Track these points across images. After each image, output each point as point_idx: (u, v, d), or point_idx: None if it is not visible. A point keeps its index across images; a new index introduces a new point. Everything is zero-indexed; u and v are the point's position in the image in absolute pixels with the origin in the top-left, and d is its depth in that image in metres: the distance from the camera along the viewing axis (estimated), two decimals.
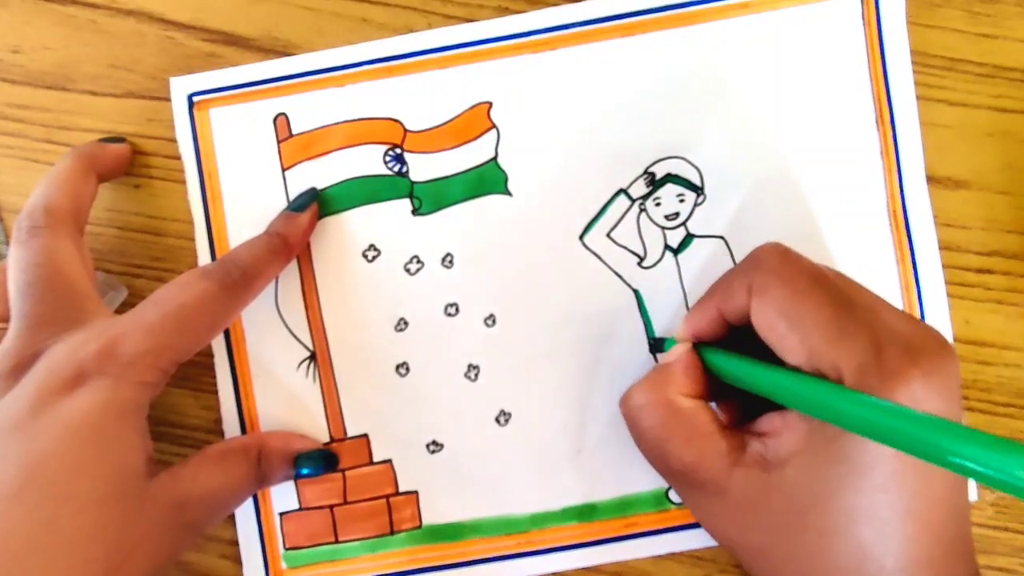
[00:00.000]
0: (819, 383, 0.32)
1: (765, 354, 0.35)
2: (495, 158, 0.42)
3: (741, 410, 0.38)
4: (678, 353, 0.38)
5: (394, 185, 0.42)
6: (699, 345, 0.38)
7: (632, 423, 0.38)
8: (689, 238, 0.42)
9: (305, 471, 0.41)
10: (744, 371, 0.35)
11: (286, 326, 0.43)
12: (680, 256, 0.42)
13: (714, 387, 0.37)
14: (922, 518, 0.32)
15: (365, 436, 0.42)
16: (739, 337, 0.37)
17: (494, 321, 0.42)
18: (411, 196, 0.42)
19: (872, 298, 0.34)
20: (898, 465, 0.31)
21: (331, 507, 0.42)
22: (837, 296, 0.33)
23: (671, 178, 0.42)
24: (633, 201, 0.42)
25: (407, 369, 0.42)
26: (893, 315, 0.33)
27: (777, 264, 0.35)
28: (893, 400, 0.30)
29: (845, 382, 0.31)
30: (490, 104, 0.42)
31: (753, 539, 0.35)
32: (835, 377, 0.32)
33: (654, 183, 0.42)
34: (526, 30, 0.42)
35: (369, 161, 0.42)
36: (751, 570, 0.37)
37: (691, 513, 0.39)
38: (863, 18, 0.42)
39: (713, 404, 0.38)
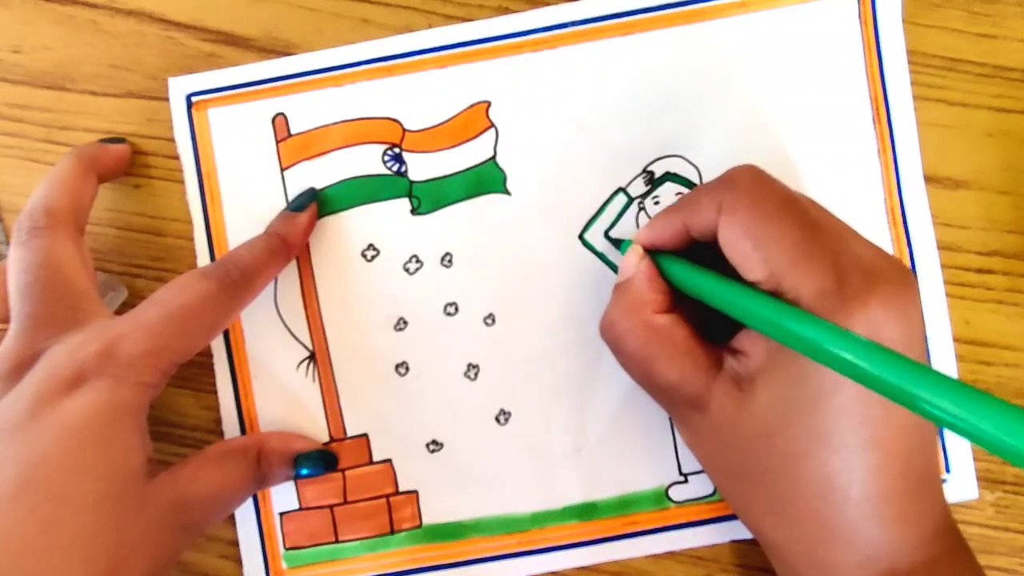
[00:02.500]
0: (773, 301, 0.32)
1: (722, 269, 0.35)
2: (494, 157, 0.42)
3: (704, 324, 0.38)
4: (634, 263, 0.38)
5: (393, 185, 0.42)
6: (656, 255, 0.38)
7: (616, 349, 0.38)
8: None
9: (305, 471, 0.41)
10: (703, 283, 0.35)
11: (285, 326, 0.43)
12: None
13: (676, 300, 0.37)
14: (886, 447, 0.32)
15: (365, 436, 0.42)
16: (695, 254, 0.37)
17: (493, 320, 0.42)
18: (410, 195, 0.42)
19: (841, 226, 0.34)
20: (858, 390, 0.31)
21: (331, 507, 0.42)
22: (805, 220, 0.33)
23: (670, 176, 0.42)
24: (632, 200, 0.42)
25: (407, 369, 0.42)
26: (860, 243, 0.34)
27: (749, 184, 0.35)
28: (850, 325, 0.30)
29: (802, 304, 0.31)
30: (489, 103, 0.42)
31: (727, 459, 0.35)
32: (792, 298, 0.32)
33: (653, 182, 0.42)
34: (524, 29, 0.42)
35: (368, 161, 0.42)
36: (726, 495, 0.37)
37: (679, 433, 0.39)
38: (860, 17, 0.42)
39: None
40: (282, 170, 0.42)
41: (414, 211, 0.42)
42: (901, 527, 0.32)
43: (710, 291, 0.34)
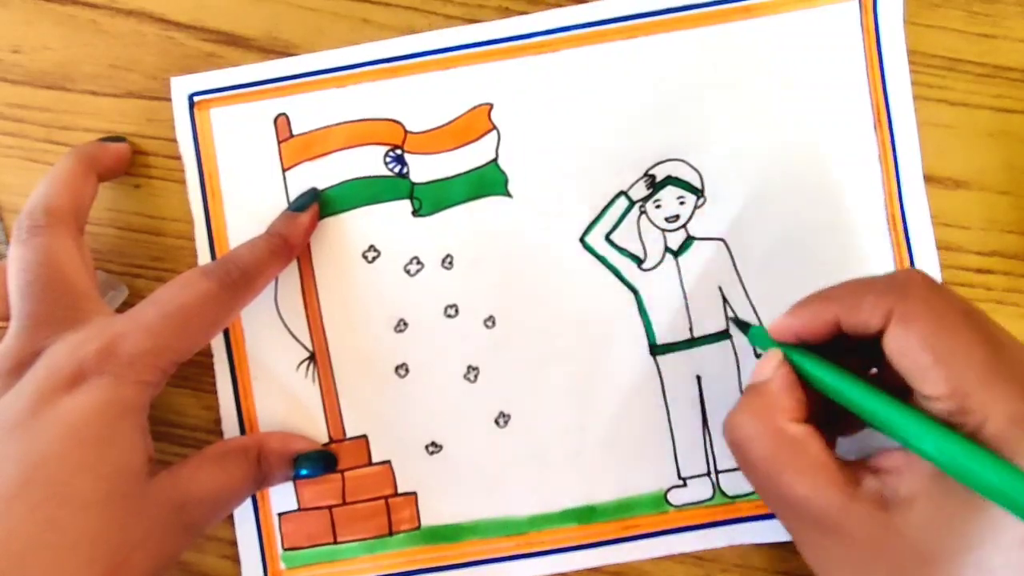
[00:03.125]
0: (962, 440, 0.29)
1: (855, 365, 0.33)
2: (495, 160, 0.42)
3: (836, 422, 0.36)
4: (772, 368, 0.35)
5: (394, 186, 0.42)
6: (793, 353, 0.35)
7: (740, 454, 0.35)
8: (689, 240, 0.42)
9: (304, 472, 0.40)
10: (862, 399, 0.32)
11: (286, 326, 0.43)
12: (680, 258, 0.42)
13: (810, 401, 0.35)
14: None
15: (364, 437, 0.42)
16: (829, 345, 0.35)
17: (494, 322, 0.42)
18: (411, 197, 0.42)
19: (1017, 343, 0.32)
20: None
21: (330, 508, 0.42)
22: (989, 336, 0.31)
23: (671, 180, 0.42)
24: (633, 203, 0.42)
25: (406, 370, 0.42)
26: None
27: (926, 293, 0.32)
28: None
29: (988, 427, 0.29)
30: (491, 106, 0.42)
31: None
32: (979, 419, 0.30)
33: (654, 185, 0.42)
34: (527, 32, 0.42)
35: (370, 162, 0.42)
36: None
37: (805, 557, 0.35)
38: (861, 23, 0.42)
39: None
40: (284, 170, 0.42)
41: (415, 213, 0.42)
42: None
43: (870, 410, 0.32)
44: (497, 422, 0.42)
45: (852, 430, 0.37)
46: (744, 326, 0.40)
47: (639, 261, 0.42)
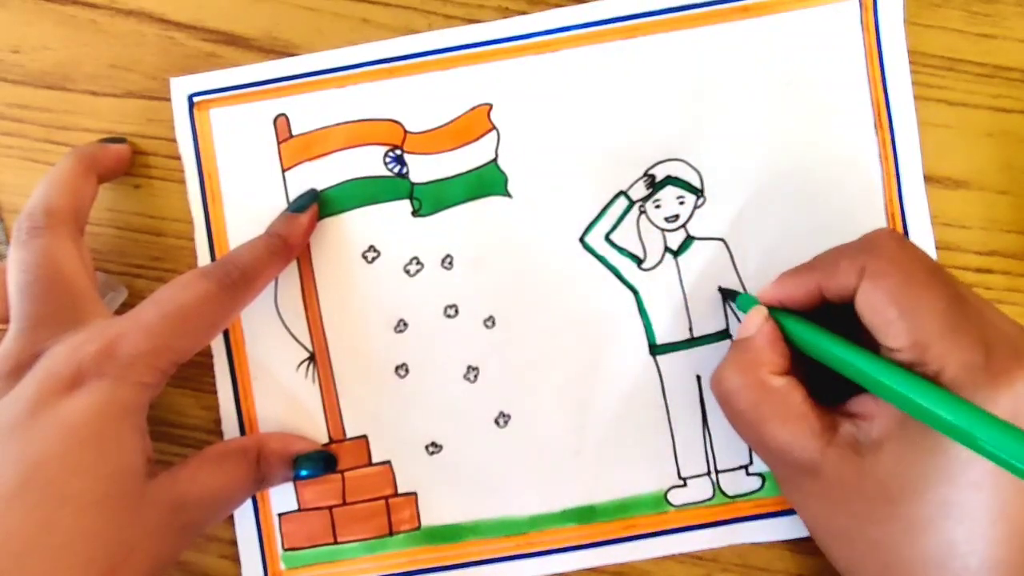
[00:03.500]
0: (916, 379, 0.31)
1: (843, 329, 0.35)
2: (495, 160, 0.42)
3: (822, 382, 0.37)
4: (757, 323, 0.37)
5: (394, 186, 0.42)
6: (777, 313, 0.37)
7: (726, 405, 0.38)
8: (689, 240, 0.42)
9: (304, 472, 0.40)
10: (832, 349, 0.35)
11: (285, 327, 0.43)
12: (680, 258, 0.42)
13: (796, 357, 0.37)
14: (1013, 521, 0.32)
15: (364, 437, 0.42)
16: (818, 312, 0.37)
17: (494, 323, 0.42)
18: (411, 197, 0.42)
19: (980, 299, 0.34)
20: (994, 465, 0.31)
21: (330, 508, 0.42)
22: (952, 291, 0.33)
23: (671, 180, 0.42)
24: (633, 203, 0.42)
25: (406, 370, 0.42)
26: (1000, 317, 0.33)
27: (894, 250, 0.34)
28: (995, 399, 0.30)
29: (945, 375, 0.31)
30: (490, 106, 0.42)
31: (840, 522, 0.35)
32: (936, 368, 0.32)
33: (654, 185, 0.42)
34: (527, 32, 0.42)
35: (369, 162, 0.42)
36: (832, 556, 0.37)
37: (784, 492, 0.39)
38: (861, 23, 0.42)
39: None
40: (283, 171, 0.42)
41: (415, 213, 0.42)
42: None
43: (841, 359, 0.34)
44: (497, 422, 0.42)
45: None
46: (732, 294, 0.41)
47: (639, 261, 0.42)
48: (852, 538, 0.35)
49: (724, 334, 0.42)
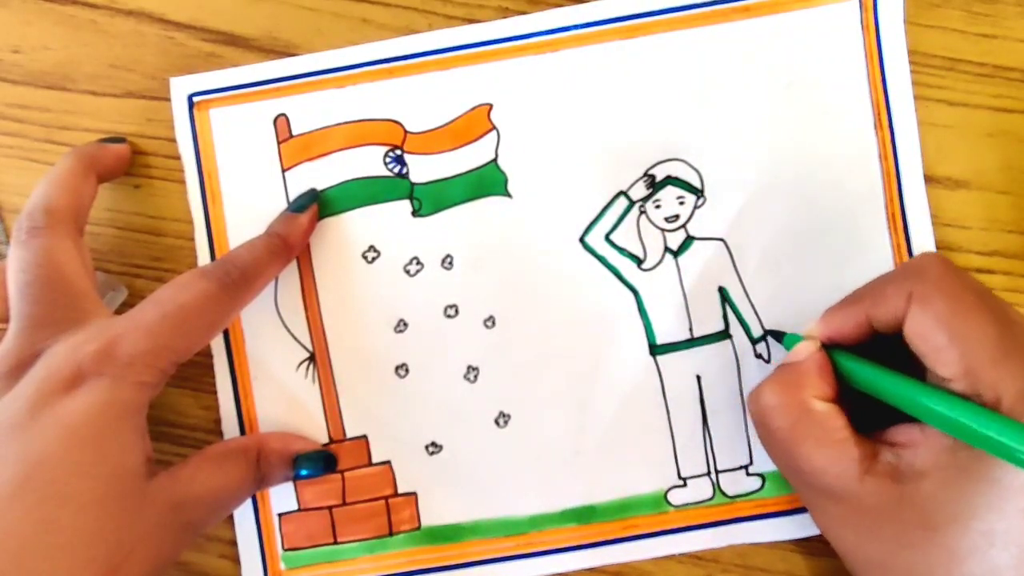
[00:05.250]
0: (973, 408, 0.31)
1: (895, 362, 0.34)
2: (495, 160, 0.42)
3: (863, 413, 0.37)
4: (808, 352, 0.37)
5: (394, 186, 0.42)
6: (828, 348, 0.37)
7: (761, 422, 0.38)
8: (689, 240, 0.42)
9: (304, 472, 0.40)
10: (884, 383, 0.34)
11: (285, 327, 0.43)
12: (680, 258, 0.42)
13: (840, 390, 0.37)
14: None
15: (364, 437, 0.42)
16: (868, 345, 0.36)
17: (494, 323, 0.42)
18: (411, 197, 0.42)
19: None
20: None
21: (330, 508, 0.42)
22: (1001, 316, 0.33)
23: (671, 180, 0.42)
24: (633, 203, 0.42)
25: (406, 370, 0.42)
26: None
27: (941, 274, 0.34)
28: None
29: (1003, 404, 0.31)
30: (490, 106, 0.42)
31: (875, 549, 0.35)
32: (992, 397, 0.31)
33: (654, 185, 0.42)
34: (527, 32, 0.42)
35: (369, 162, 0.42)
36: None
37: (812, 517, 0.38)
38: (861, 23, 0.42)
39: None
40: (283, 171, 0.42)
41: (415, 213, 0.42)
42: None
43: (891, 388, 0.34)
44: (497, 422, 0.42)
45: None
46: (779, 335, 0.41)
47: (639, 261, 0.42)
48: (886, 567, 0.35)
49: (724, 334, 0.42)
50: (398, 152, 0.42)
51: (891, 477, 0.34)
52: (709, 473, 0.42)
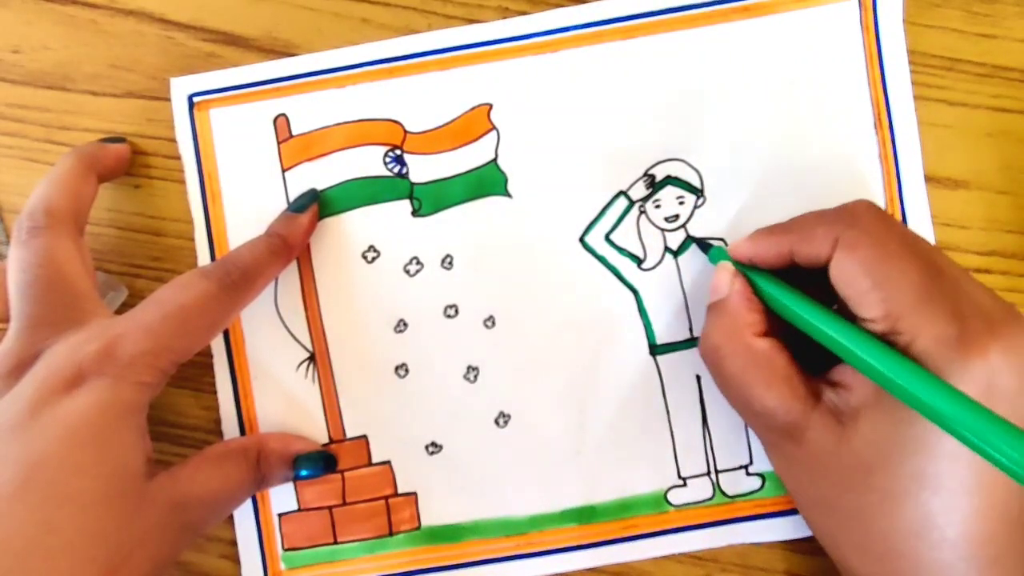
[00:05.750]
0: (886, 351, 0.31)
1: (813, 293, 0.35)
2: (495, 160, 0.42)
3: (800, 349, 0.37)
4: (726, 282, 0.38)
5: (394, 186, 0.42)
6: (749, 271, 0.38)
7: (715, 370, 0.38)
8: (689, 240, 0.42)
9: (304, 472, 0.40)
10: (805, 314, 0.35)
11: (285, 327, 0.43)
12: (680, 258, 0.42)
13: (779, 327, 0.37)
14: (989, 492, 0.32)
15: (364, 437, 0.42)
16: (784, 274, 0.37)
17: (493, 323, 0.42)
18: (411, 197, 0.42)
19: (958, 269, 0.34)
20: None
21: (330, 508, 0.42)
22: (926, 262, 0.33)
23: (671, 180, 0.42)
24: (633, 203, 0.42)
25: (406, 370, 0.42)
26: (976, 288, 0.33)
27: (871, 221, 0.34)
28: (967, 372, 0.30)
29: (916, 346, 0.31)
30: (490, 106, 0.42)
31: (820, 491, 0.36)
32: (907, 339, 0.32)
33: (654, 185, 0.42)
34: (527, 32, 0.42)
35: (369, 162, 0.42)
36: (812, 525, 0.37)
37: (770, 460, 0.39)
38: (861, 23, 0.42)
39: None
40: (283, 171, 0.42)
41: (415, 213, 0.42)
42: (998, 571, 0.32)
43: (814, 325, 0.34)
44: (497, 422, 0.42)
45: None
46: (705, 246, 0.41)
47: (639, 261, 0.42)
48: (831, 507, 0.35)
49: None
50: (398, 152, 0.42)
51: (834, 417, 0.34)
52: (709, 473, 0.42)
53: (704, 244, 0.41)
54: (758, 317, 0.37)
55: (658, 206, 0.42)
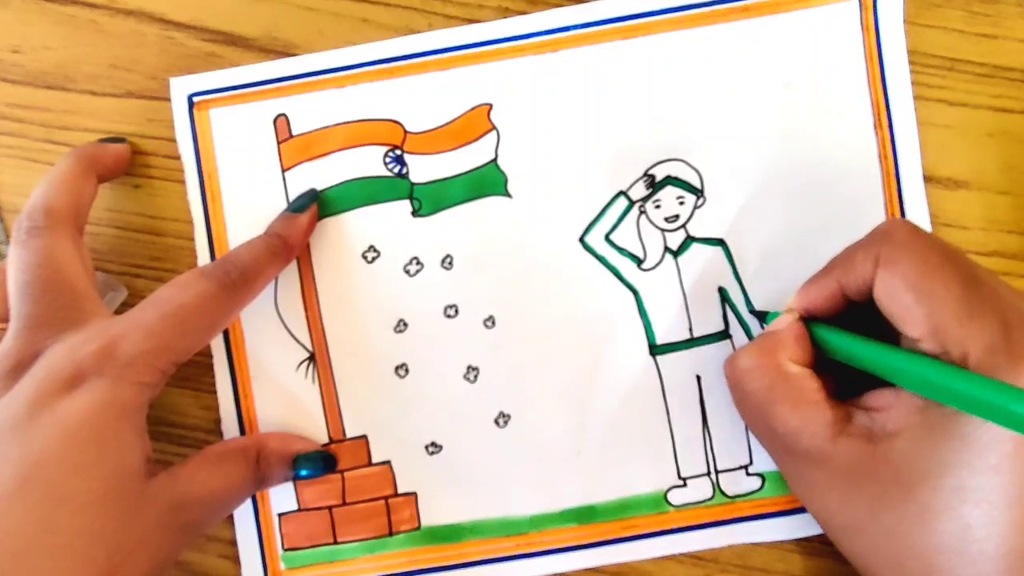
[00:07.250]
0: (942, 366, 0.31)
1: (873, 332, 0.35)
2: (495, 160, 0.42)
3: (840, 385, 0.37)
4: (786, 321, 0.37)
5: (394, 186, 0.42)
6: (807, 321, 0.38)
7: (736, 385, 0.38)
8: (689, 240, 0.42)
9: (304, 472, 0.40)
10: (858, 349, 0.35)
11: (285, 327, 0.43)
12: (680, 258, 0.42)
13: (817, 362, 0.37)
14: None
15: (364, 437, 0.42)
16: (846, 317, 0.37)
17: (493, 323, 0.42)
18: (411, 197, 0.42)
19: (996, 279, 0.34)
20: (1014, 447, 0.31)
21: (330, 508, 0.42)
22: (967, 274, 0.33)
23: (671, 180, 0.42)
24: (633, 203, 0.42)
25: (406, 370, 0.42)
26: (1013, 294, 0.33)
27: (907, 237, 0.34)
28: (1018, 381, 0.30)
29: (970, 360, 0.31)
30: (490, 106, 0.42)
31: (851, 511, 0.35)
32: (959, 354, 0.32)
33: (654, 185, 0.42)
34: (526, 32, 0.42)
35: (369, 162, 0.42)
36: (842, 545, 0.37)
37: (788, 483, 0.39)
38: (861, 23, 0.42)
39: None
40: (283, 171, 0.42)
41: (415, 213, 0.42)
42: None
43: (866, 355, 0.34)
44: (497, 422, 0.42)
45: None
46: (762, 316, 0.41)
47: (639, 261, 0.42)
48: (864, 527, 0.35)
49: (724, 334, 0.42)
50: (398, 152, 0.42)
51: (865, 438, 0.34)
52: (709, 473, 0.42)
53: (761, 315, 0.41)
54: (801, 351, 0.37)
55: (658, 206, 0.42)
